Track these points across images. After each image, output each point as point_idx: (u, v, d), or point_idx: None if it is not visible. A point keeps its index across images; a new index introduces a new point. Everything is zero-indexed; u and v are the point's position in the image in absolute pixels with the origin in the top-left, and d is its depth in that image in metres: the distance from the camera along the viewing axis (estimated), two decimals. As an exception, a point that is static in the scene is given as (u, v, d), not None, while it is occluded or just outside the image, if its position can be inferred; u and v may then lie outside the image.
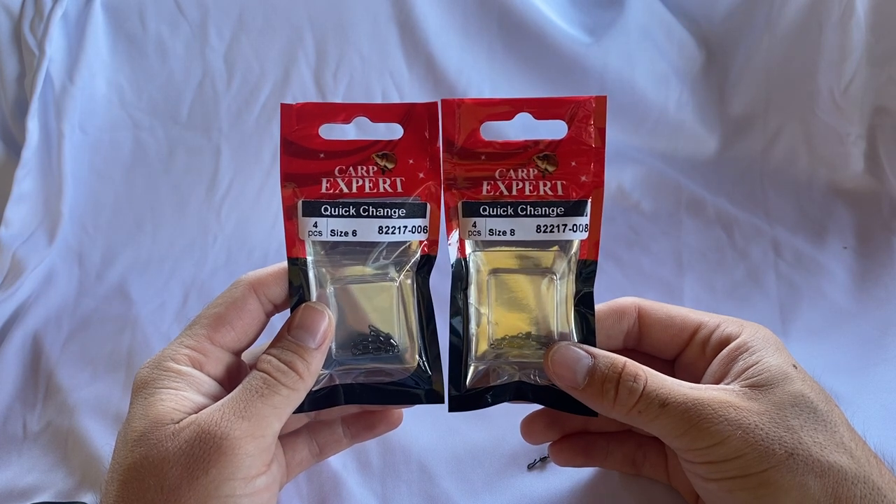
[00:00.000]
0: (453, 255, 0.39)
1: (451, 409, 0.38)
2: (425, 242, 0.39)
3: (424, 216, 0.38)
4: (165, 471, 0.32)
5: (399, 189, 0.38)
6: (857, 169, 0.73)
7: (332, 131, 0.39)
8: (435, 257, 0.39)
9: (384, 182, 0.38)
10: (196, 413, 0.34)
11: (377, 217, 0.38)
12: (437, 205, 0.38)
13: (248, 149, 0.71)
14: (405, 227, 0.38)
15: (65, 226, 0.66)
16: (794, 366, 0.36)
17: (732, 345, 0.37)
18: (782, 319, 0.59)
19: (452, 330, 0.38)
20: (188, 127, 0.70)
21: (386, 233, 0.38)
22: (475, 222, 0.38)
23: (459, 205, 0.38)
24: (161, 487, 0.32)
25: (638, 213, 0.72)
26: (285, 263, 0.38)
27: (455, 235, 0.39)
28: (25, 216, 0.65)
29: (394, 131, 0.38)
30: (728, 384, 0.35)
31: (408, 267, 0.39)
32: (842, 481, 0.32)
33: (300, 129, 0.37)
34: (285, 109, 0.37)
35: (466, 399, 0.38)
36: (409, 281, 0.39)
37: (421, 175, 0.38)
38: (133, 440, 0.33)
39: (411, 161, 0.38)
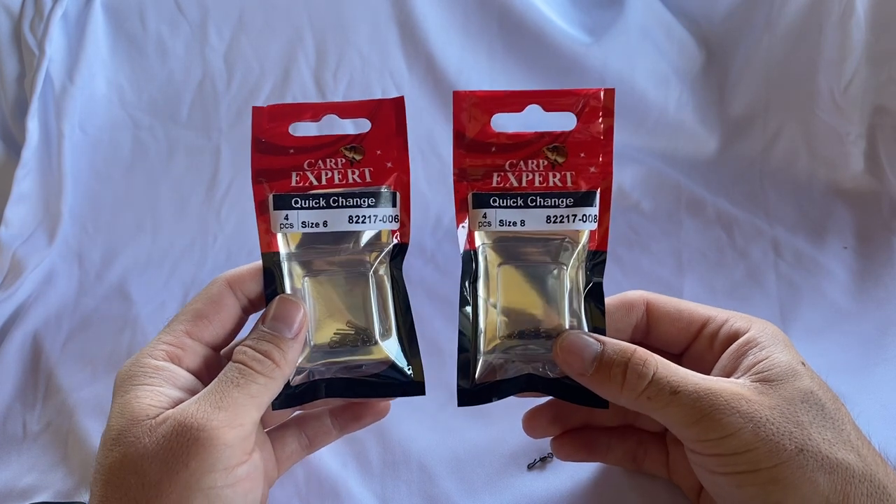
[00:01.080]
0: (462, 246, 0.39)
1: (460, 404, 0.38)
2: (397, 231, 0.39)
3: (395, 205, 0.39)
4: (145, 468, 0.32)
5: (368, 179, 0.38)
6: (857, 169, 0.73)
7: (310, 132, 0.40)
8: (407, 246, 0.39)
9: (353, 173, 0.38)
10: (173, 408, 0.34)
11: (347, 207, 0.38)
12: (407, 194, 0.39)
13: (247, 149, 0.70)
14: (376, 216, 0.38)
15: (65, 226, 0.66)
16: (802, 363, 0.36)
17: (741, 340, 0.37)
18: (782, 319, 0.59)
19: (461, 323, 0.38)
20: (188, 127, 0.70)
21: (357, 222, 0.38)
22: (485, 213, 0.38)
23: (470, 196, 0.38)
24: (142, 484, 0.32)
25: (638, 213, 0.72)
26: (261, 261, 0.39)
27: (465, 227, 0.39)
28: (25, 216, 0.65)
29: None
30: (738, 378, 0.35)
31: (381, 256, 0.39)
32: (850, 479, 0.32)
33: (270, 129, 0.38)
34: (256, 112, 0.38)
35: (476, 393, 0.38)
36: (382, 271, 0.39)
37: (389, 165, 0.38)
38: (111, 439, 0.33)
39: (379, 152, 0.38)
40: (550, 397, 0.40)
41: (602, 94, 0.37)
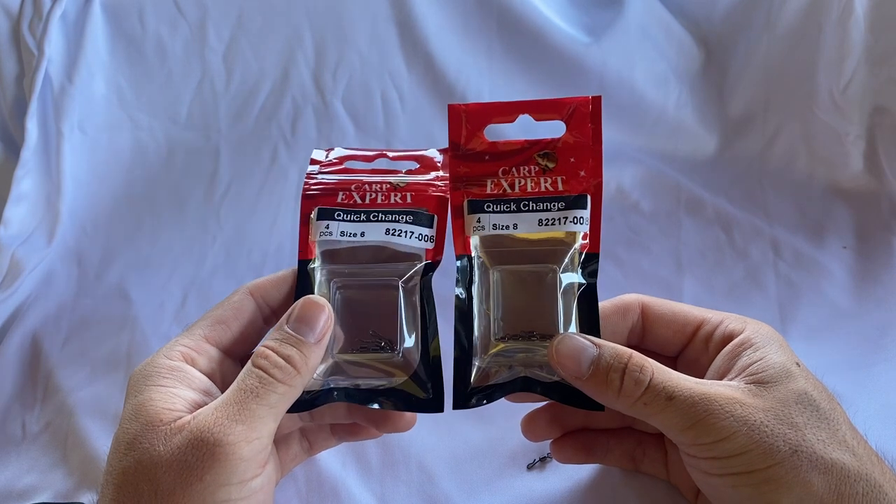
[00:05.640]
0: (457, 251, 0.39)
1: (455, 407, 0.38)
2: (432, 249, 0.39)
3: (431, 226, 0.39)
4: (159, 476, 0.32)
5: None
6: (857, 169, 0.73)
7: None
8: (437, 263, 0.40)
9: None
10: (189, 411, 0.34)
11: (385, 221, 0.39)
12: (444, 216, 0.40)
13: (246, 149, 0.71)
14: (412, 232, 0.39)
15: (64, 226, 0.66)
16: (797, 363, 0.36)
17: (736, 341, 0.37)
18: (782, 319, 0.59)
19: (457, 326, 0.38)
20: (187, 127, 0.70)
21: (393, 235, 0.39)
22: (479, 218, 0.39)
23: (465, 203, 0.39)
24: (155, 493, 0.32)
25: (637, 213, 0.72)
26: (286, 270, 0.39)
27: (460, 233, 0.39)
28: (24, 216, 0.65)
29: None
30: (732, 380, 0.35)
31: (413, 270, 0.39)
32: (844, 478, 0.32)
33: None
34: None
35: (471, 396, 0.38)
36: (412, 284, 0.39)
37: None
38: (126, 444, 0.33)
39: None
40: (547, 401, 0.40)
41: (590, 101, 0.39)
